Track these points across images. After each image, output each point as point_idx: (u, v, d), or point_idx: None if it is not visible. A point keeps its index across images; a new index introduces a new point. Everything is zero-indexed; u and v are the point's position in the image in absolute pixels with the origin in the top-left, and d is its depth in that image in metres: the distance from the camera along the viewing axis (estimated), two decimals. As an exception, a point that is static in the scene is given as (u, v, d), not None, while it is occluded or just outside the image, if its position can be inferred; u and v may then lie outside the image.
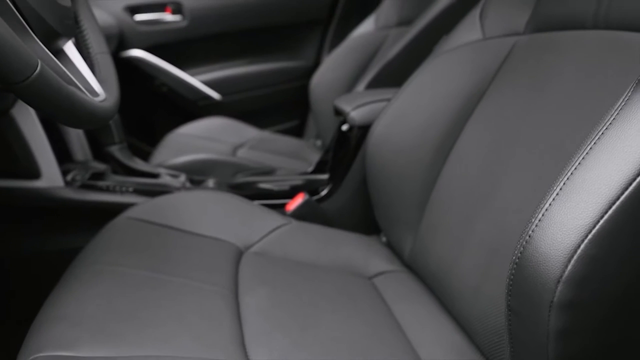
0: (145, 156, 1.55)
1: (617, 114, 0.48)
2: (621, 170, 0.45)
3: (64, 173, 1.11)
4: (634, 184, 0.44)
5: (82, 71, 0.66)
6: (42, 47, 0.55)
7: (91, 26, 0.78)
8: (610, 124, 0.48)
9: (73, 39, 0.68)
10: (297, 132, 2.19)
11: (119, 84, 0.73)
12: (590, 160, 0.47)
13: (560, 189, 0.48)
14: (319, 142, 1.86)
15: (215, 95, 2.02)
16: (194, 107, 2.01)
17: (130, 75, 1.93)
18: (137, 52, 1.93)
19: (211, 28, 1.99)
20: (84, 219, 1.08)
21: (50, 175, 1.06)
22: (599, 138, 0.48)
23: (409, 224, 0.93)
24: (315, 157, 1.59)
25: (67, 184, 1.09)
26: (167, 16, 1.96)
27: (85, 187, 1.10)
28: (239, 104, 2.07)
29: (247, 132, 1.79)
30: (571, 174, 0.48)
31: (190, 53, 2.01)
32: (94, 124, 0.60)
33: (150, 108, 2.05)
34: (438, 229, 0.85)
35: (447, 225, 0.83)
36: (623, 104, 0.48)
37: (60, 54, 0.65)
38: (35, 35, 0.55)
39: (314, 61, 2.13)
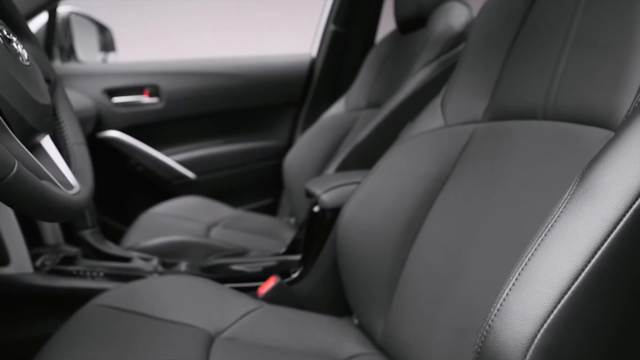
0: (119, 236, 1.55)
1: (564, 207, 0.52)
2: (571, 261, 0.48)
3: (34, 257, 1.10)
4: (583, 274, 0.47)
5: (57, 164, 0.68)
6: (19, 144, 0.57)
7: (68, 117, 0.81)
8: (558, 216, 0.51)
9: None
10: (271, 210, 2.21)
11: (93, 175, 0.75)
12: (542, 251, 0.50)
13: (516, 279, 0.50)
14: (292, 220, 1.88)
15: (190, 174, 2.05)
16: (168, 186, 2.03)
17: (106, 155, 1.95)
18: (113, 133, 1.96)
19: (187, 110, 2.05)
20: (53, 306, 1.07)
21: (19, 261, 1.06)
22: (549, 230, 0.51)
23: (380, 305, 0.94)
24: (289, 234, 1.61)
25: (36, 269, 1.08)
26: (145, 99, 2.01)
27: (55, 272, 1.09)
28: (214, 183, 2.10)
29: (221, 210, 1.81)
30: (525, 264, 0.50)
31: (166, 133, 2.05)
32: (67, 218, 0.61)
33: (124, 187, 2.07)
34: (408, 311, 0.86)
35: (416, 306, 0.84)
36: (569, 197, 0.52)
37: (37, 147, 0.68)
38: (14, 133, 0.57)
39: (288, 141, 2.19)
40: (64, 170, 0.68)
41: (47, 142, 0.68)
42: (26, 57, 0.66)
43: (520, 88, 0.84)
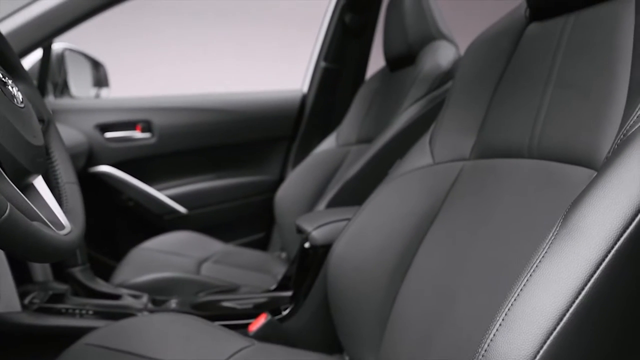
0: (109, 271, 1.54)
1: (548, 247, 0.53)
2: (555, 301, 0.49)
3: (22, 295, 1.09)
4: (568, 314, 0.48)
5: (49, 204, 0.68)
6: (12, 186, 0.58)
7: (61, 157, 0.82)
8: (542, 257, 0.52)
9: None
10: (263, 244, 2.21)
11: (84, 214, 0.75)
12: (527, 292, 0.51)
13: (503, 319, 0.51)
14: (284, 255, 1.88)
15: (181, 209, 2.05)
16: (159, 221, 2.03)
17: (98, 190, 1.95)
18: (105, 168, 1.97)
19: (179, 145, 2.06)
20: (41, 345, 1.06)
21: (7, 300, 1.05)
22: (534, 270, 0.52)
23: (371, 342, 0.93)
24: (280, 269, 1.61)
25: (25, 307, 1.07)
26: (137, 134, 2.03)
27: (43, 310, 1.08)
28: (205, 217, 2.10)
29: (212, 245, 1.80)
30: (511, 304, 0.51)
31: (158, 168, 2.06)
32: (58, 258, 0.61)
33: (115, 222, 2.06)
34: (399, 348, 0.86)
35: (407, 343, 0.84)
36: (553, 238, 0.53)
37: (29, 188, 0.68)
38: (7, 175, 0.58)
39: (279, 175, 2.20)
40: (56, 210, 0.69)
41: (39, 183, 0.69)
42: (20, 98, 0.68)
43: (506, 127, 0.86)
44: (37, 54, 1.93)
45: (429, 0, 1.55)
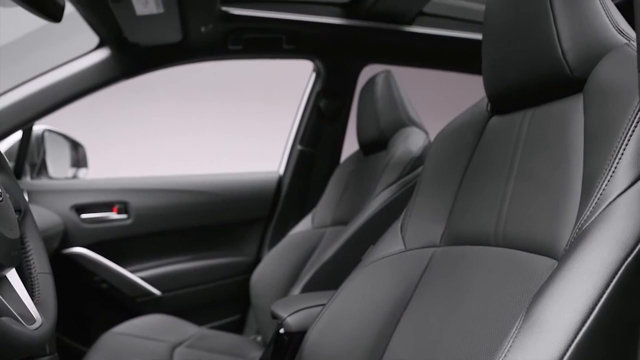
0: (79, 358, 1.49)
1: (512, 341, 0.54)
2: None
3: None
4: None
5: (21, 297, 0.68)
6: (-16, 282, 0.58)
7: (36, 246, 0.82)
8: (508, 350, 0.54)
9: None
10: (238, 327, 2.17)
11: (56, 305, 0.75)
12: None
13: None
14: (259, 338, 1.85)
15: (155, 291, 2.02)
16: (133, 303, 1.99)
17: (70, 272, 1.92)
18: (78, 250, 1.95)
19: (155, 226, 2.06)
20: None
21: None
22: (500, 362, 0.53)
23: None
24: (256, 354, 1.58)
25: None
26: (113, 215, 2.03)
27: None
28: (180, 300, 2.07)
29: (186, 329, 1.77)
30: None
31: (134, 249, 2.05)
32: (27, 354, 0.61)
33: (87, 305, 2.02)
34: None
35: None
36: (516, 332, 0.55)
37: (1, 280, 0.68)
38: (-20, 270, 0.59)
39: (255, 257, 2.20)
40: (27, 303, 0.69)
41: (12, 275, 0.69)
42: (-1, 193, 0.69)
43: (473, 215, 0.89)
44: (17, 135, 1.95)
45: (399, 89, 1.63)
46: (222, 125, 3.71)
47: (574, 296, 0.55)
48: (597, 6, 0.76)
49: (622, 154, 0.63)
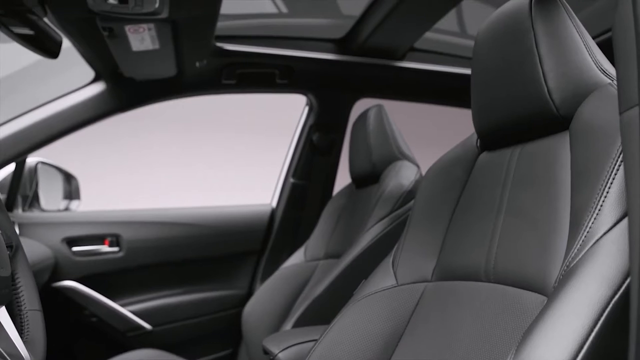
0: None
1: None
2: None
3: None
4: None
5: (10, 335, 0.68)
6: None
7: (26, 283, 0.82)
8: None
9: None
10: (229, 361, 2.15)
11: (45, 343, 0.75)
12: None
13: None
14: (251, 373, 1.83)
15: (146, 325, 2.00)
16: (123, 338, 1.96)
17: (60, 306, 1.90)
18: (69, 283, 1.93)
19: (147, 259, 2.05)
20: None
21: None
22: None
23: None
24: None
25: None
26: (105, 247, 2.01)
27: None
28: (171, 334, 2.04)
29: (177, 365, 1.74)
30: None
31: (125, 282, 2.03)
32: (15, 395, 0.60)
33: (75, 339, 1.99)
34: None
35: None
36: (507, 370, 0.55)
37: (-9, 318, 0.68)
38: (-30, 309, 0.58)
39: (248, 290, 2.19)
40: (16, 342, 0.68)
41: (1, 313, 0.69)
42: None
43: (464, 251, 0.90)
44: (10, 167, 1.95)
45: (391, 123, 1.65)
46: (215, 156, 3.73)
47: (562, 335, 0.55)
48: (581, 47, 0.79)
49: (607, 193, 0.64)
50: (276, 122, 3.09)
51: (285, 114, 2.47)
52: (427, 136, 2.81)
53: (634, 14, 0.49)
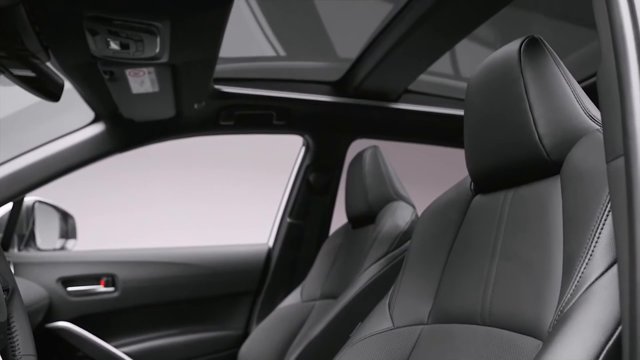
0: None
1: None
2: None
3: None
4: None
5: (4, 383, 0.67)
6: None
7: (22, 328, 0.82)
8: None
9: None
10: (225, 403, 2.11)
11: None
12: None
13: None
14: (246, 417, 1.79)
15: (141, 367, 1.97)
16: (116, 381, 1.93)
17: (53, 347, 1.87)
18: (63, 324, 1.91)
19: (143, 299, 2.03)
20: None
21: None
22: None
23: None
24: None
25: None
26: (100, 287, 2.00)
27: None
28: (166, 376, 2.02)
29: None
30: None
31: (120, 323, 2.01)
32: None
33: (68, 382, 1.95)
34: None
35: None
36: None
37: (-15, 364, 0.68)
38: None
39: (244, 330, 2.16)
40: (10, 389, 0.68)
41: (-3, 359, 0.69)
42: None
43: (459, 293, 0.90)
44: (7, 207, 1.95)
45: (386, 164, 1.67)
46: (212, 195, 3.73)
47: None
48: (569, 93, 0.81)
49: (597, 238, 0.65)
50: (274, 159, 3.11)
51: (283, 153, 2.49)
52: (422, 176, 2.83)
53: (617, 69, 0.51)
